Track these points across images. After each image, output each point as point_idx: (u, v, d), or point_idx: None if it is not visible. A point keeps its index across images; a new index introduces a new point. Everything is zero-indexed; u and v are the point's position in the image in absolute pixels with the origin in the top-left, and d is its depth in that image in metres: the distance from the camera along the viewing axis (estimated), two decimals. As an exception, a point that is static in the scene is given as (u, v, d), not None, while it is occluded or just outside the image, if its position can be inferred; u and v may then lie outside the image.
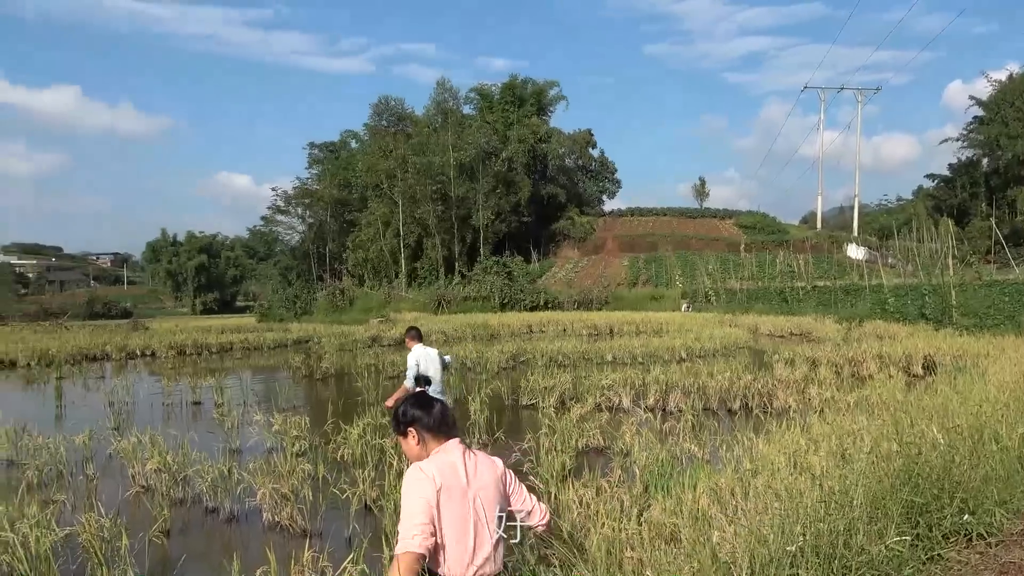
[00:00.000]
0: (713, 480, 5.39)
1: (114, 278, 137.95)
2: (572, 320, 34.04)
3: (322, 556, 4.58)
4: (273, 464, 6.97)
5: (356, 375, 16.29)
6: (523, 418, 11.27)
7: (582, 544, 4.22)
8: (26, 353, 22.81)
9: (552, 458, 6.98)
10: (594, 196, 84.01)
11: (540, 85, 75.18)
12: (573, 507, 5.02)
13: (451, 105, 67.87)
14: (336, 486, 6.61)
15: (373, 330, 30.39)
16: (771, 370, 13.39)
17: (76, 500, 6.59)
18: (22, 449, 8.74)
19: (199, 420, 11.88)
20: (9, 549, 4.91)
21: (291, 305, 50.25)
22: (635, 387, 11.94)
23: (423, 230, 64.41)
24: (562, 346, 19.55)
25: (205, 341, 26.54)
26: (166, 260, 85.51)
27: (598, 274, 60.59)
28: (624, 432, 7.98)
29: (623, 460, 7.11)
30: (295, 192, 75.57)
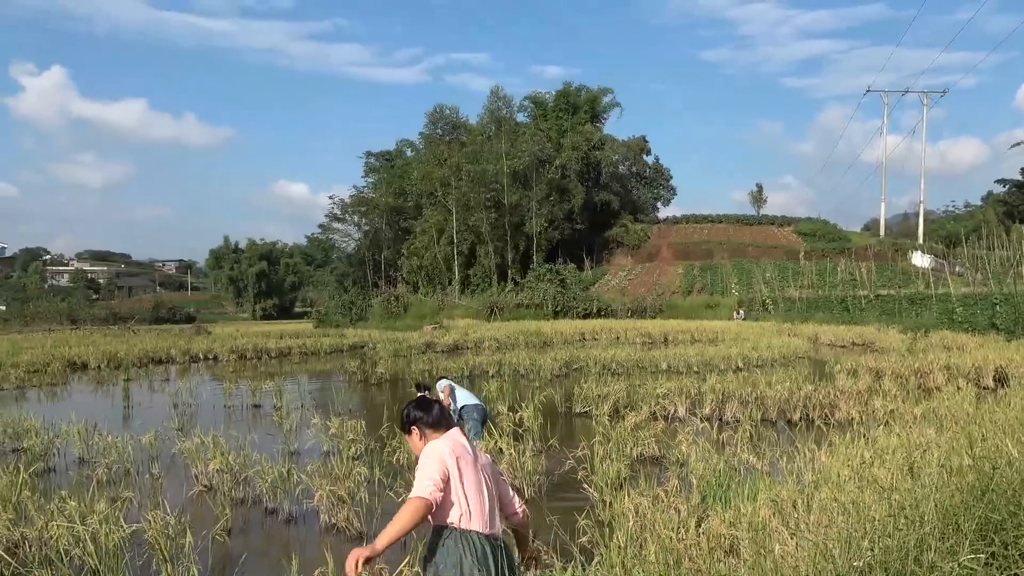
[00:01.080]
0: (774, 492, 5.26)
1: (178, 284, 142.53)
2: (625, 328, 33.75)
3: (379, 559, 4.62)
4: (330, 467, 7.07)
5: (410, 380, 16.44)
6: (577, 426, 11.21)
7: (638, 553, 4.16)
8: (96, 356, 23.71)
9: (607, 466, 6.91)
10: (648, 203, 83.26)
11: (594, 92, 74.95)
12: (629, 516, 4.96)
13: (504, 113, 68.23)
14: (391, 489, 6.68)
15: (427, 336, 30.66)
16: (832, 380, 13.02)
17: (142, 498, 6.79)
18: (92, 447, 9.08)
19: (259, 422, 12.15)
20: (80, 543, 5.09)
21: (347, 311, 51.12)
22: (691, 396, 11.75)
23: (476, 237, 64.79)
24: (616, 354, 19.38)
25: (264, 346, 27.18)
26: (228, 267, 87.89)
27: (652, 282, 59.97)
28: (680, 441, 7.85)
29: (679, 470, 6.99)
30: (351, 200, 76.91)
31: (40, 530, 5.43)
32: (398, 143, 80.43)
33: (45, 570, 4.98)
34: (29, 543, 5.41)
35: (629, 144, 76.41)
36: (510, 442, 7.64)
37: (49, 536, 5.28)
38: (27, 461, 8.02)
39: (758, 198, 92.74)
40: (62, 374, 21.07)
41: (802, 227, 75.21)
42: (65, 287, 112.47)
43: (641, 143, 78.49)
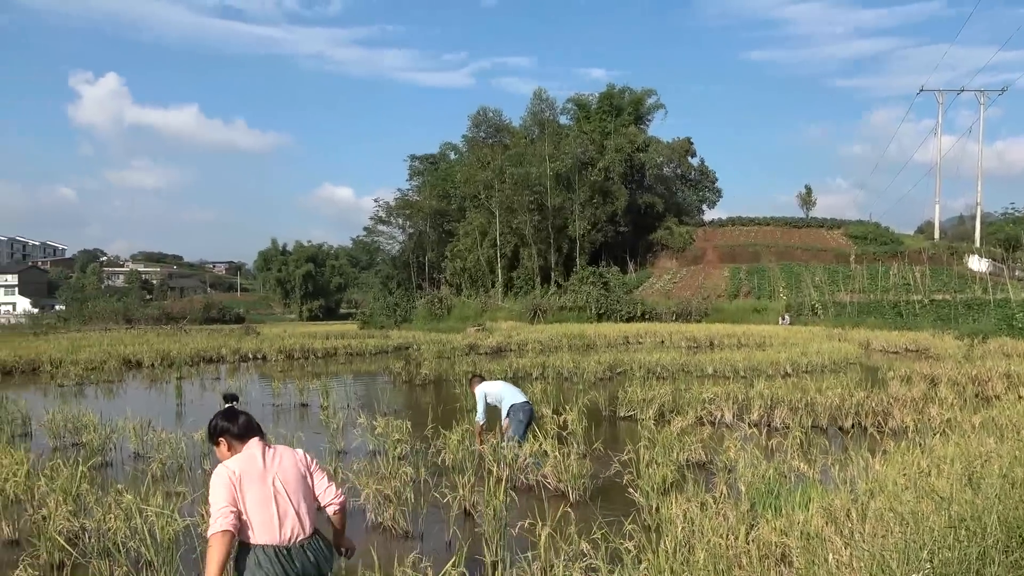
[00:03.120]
0: (826, 500, 5.14)
1: (228, 285, 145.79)
2: (670, 331, 33.40)
3: (424, 558, 4.65)
4: (376, 466, 7.14)
5: (454, 382, 16.53)
6: (621, 430, 11.12)
7: (687, 559, 4.11)
8: (151, 354, 24.39)
9: (653, 471, 6.84)
10: (693, 205, 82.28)
11: (638, 94, 74.42)
12: (677, 522, 4.89)
13: (548, 116, 68.24)
14: (436, 490, 6.72)
15: (470, 338, 30.78)
16: (885, 387, 12.69)
17: (195, 493, 6.95)
18: (147, 443, 9.33)
19: (306, 421, 12.35)
20: (137, 536, 5.23)
21: (391, 313, 51.62)
22: (738, 401, 11.57)
23: (520, 240, 64.86)
24: (660, 358, 19.19)
25: (311, 346, 27.62)
26: (276, 268, 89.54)
27: (697, 285, 59.24)
28: (727, 447, 7.73)
29: (727, 476, 6.88)
30: (396, 203, 77.75)
31: (98, 522, 5.59)
32: (442, 146, 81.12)
33: (103, 561, 5.13)
34: (88, 534, 5.58)
35: (674, 146, 75.62)
36: (555, 444, 7.61)
37: (107, 528, 5.43)
38: (86, 455, 8.29)
39: (807, 200, 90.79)
40: (118, 372, 21.71)
41: (853, 230, 73.48)
42: (121, 288, 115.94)
43: (686, 145, 77.62)
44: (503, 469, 7.13)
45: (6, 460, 7.38)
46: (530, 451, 7.71)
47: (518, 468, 7.55)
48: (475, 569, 4.85)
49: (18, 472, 7.00)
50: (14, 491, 6.69)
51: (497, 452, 7.62)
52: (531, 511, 5.79)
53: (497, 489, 5.69)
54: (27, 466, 7.18)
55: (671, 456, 7.54)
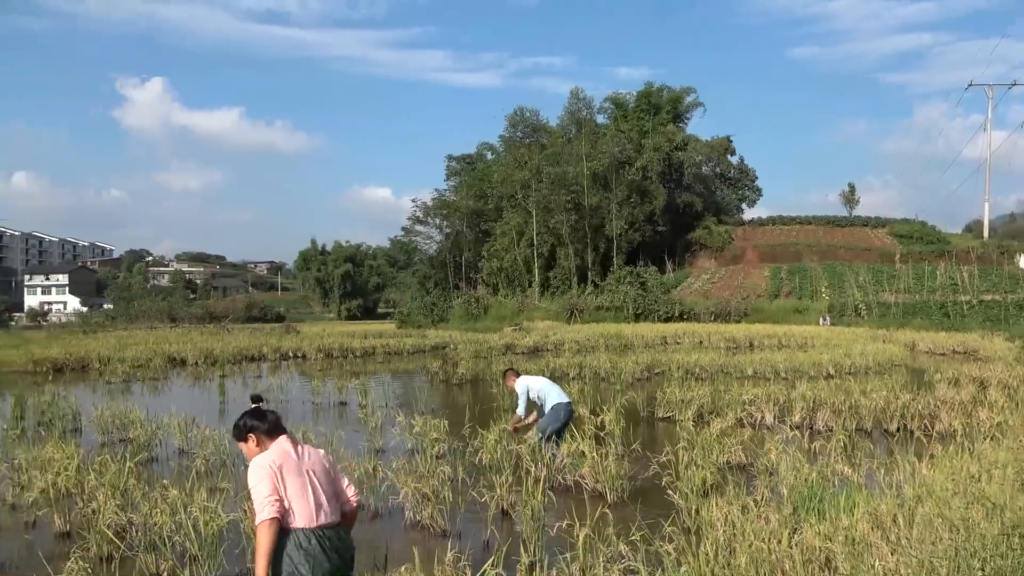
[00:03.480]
0: (871, 505, 5.03)
1: (269, 285, 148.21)
2: (709, 332, 33.01)
3: (463, 557, 4.66)
4: (415, 464, 7.19)
5: (491, 381, 16.56)
6: (659, 431, 11.04)
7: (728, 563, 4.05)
8: (194, 352, 24.91)
9: (692, 473, 6.77)
10: (733, 204, 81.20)
11: (676, 92, 73.69)
12: (718, 525, 4.83)
13: (585, 115, 67.92)
14: (474, 489, 6.73)
15: (507, 338, 30.82)
16: (932, 390, 12.36)
17: (238, 489, 7.07)
18: (191, 439, 9.53)
19: (345, 419, 12.50)
20: (182, 530, 5.34)
21: (429, 312, 51.94)
22: (779, 403, 11.38)
23: (556, 240, 64.72)
24: (699, 358, 18.98)
25: (350, 345, 27.93)
26: (315, 268, 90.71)
27: (736, 285, 58.46)
28: (769, 450, 7.60)
29: (768, 479, 6.78)
30: (433, 203, 78.13)
31: (145, 516, 5.72)
32: (479, 146, 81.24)
33: (150, 555, 5.25)
34: (135, 528, 5.72)
35: (713, 144, 74.70)
36: (592, 445, 7.58)
37: (154, 523, 5.56)
38: (133, 451, 8.49)
39: (850, 199, 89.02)
40: (163, 369, 22.23)
41: (898, 229, 71.81)
42: (166, 287, 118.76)
43: (725, 143, 76.62)
44: (541, 469, 7.12)
45: (58, 455, 7.60)
46: (567, 451, 7.68)
47: (555, 469, 7.53)
48: (513, 569, 4.85)
49: (69, 466, 7.20)
50: (65, 485, 6.87)
51: (535, 452, 7.62)
52: (569, 512, 5.77)
53: (535, 489, 5.69)
54: (77, 461, 7.38)
55: (711, 458, 7.45)
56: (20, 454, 7.87)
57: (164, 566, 5.13)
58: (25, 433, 10.55)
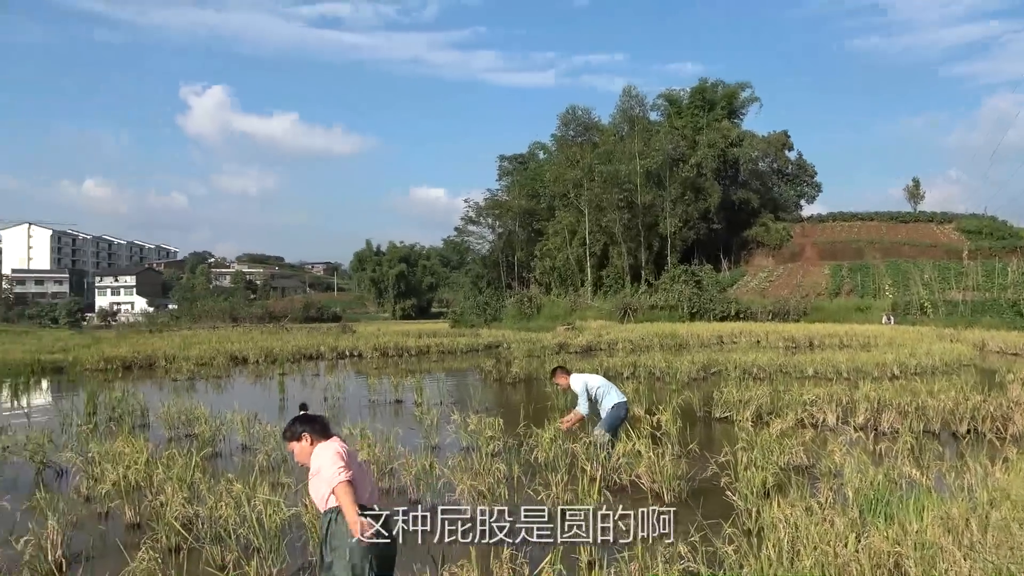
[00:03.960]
0: (942, 509, 4.85)
1: (326, 285, 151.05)
2: (766, 331, 32.34)
3: (519, 554, 4.67)
4: (470, 462, 7.23)
5: (545, 380, 16.54)
6: (717, 431, 10.86)
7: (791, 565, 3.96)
8: (255, 351, 25.57)
9: (751, 474, 6.64)
10: (791, 201, 79.34)
11: (731, 88, 72.42)
12: (780, 527, 4.72)
13: (637, 112, 67.29)
14: (530, 487, 6.73)
15: (560, 337, 30.75)
16: (1005, 391, 11.86)
17: (299, 484, 7.22)
18: (254, 435, 9.78)
19: (400, 417, 12.65)
20: (246, 523, 5.48)
21: (481, 312, 52.20)
22: (841, 404, 11.08)
23: (609, 238, 64.28)
24: (757, 358, 18.60)
25: (405, 344, 28.27)
26: (370, 269, 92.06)
27: (795, 283, 57.16)
28: (832, 451, 7.41)
29: (832, 481, 6.60)
30: (486, 203, 78.48)
31: (211, 509, 5.89)
32: (531, 146, 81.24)
33: (216, 546, 5.40)
34: (202, 521, 5.88)
35: (769, 140, 73.13)
36: (649, 444, 7.50)
37: (219, 515, 5.71)
38: (198, 446, 8.75)
39: (915, 194, 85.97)
40: (225, 367, 22.87)
41: (965, 224, 69.11)
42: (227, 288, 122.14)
43: (782, 138, 74.94)
44: (596, 468, 7.08)
45: (128, 449, 7.89)
46: (623, 451, 7.61)
47: (611, 468, 7.48)
48: (571, 568, 4.83)
49: (138, 460, 7.46)
50: (135, 478, 7.13)
51: (590, 451, 7.57)
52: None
53: (591, 488, 5.66)
54: (146, 455, 7.65)
55: (771, 459, 7.29)
56: (93, 448, 8.19)
57: (229, 558, 5.27)
58: (97, 428, 10.97)
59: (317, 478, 3.84)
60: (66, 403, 13.94)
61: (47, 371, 22.00)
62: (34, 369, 21.23)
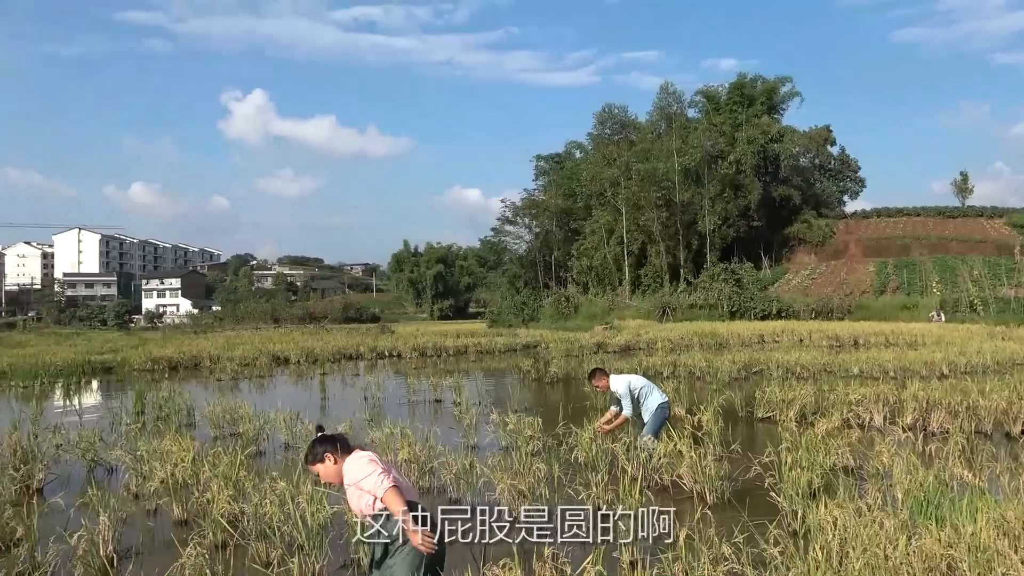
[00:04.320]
0: (997, 512, 4.70)
1: (364, 286, 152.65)
2: (809, 330, 31.75)
3: (561, 553, 4.65)
4: (510, 462, 7.22)
5: (583, 380, 16.47)
6: (759, 431, 10.69)
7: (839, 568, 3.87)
8: (296, 351, 25.94)
9: (796, 475, 6.51)
10: (833, 197, 77.80)
11: (771, 82, 71.40)
12: (827, 528, 4.62)
13: (675, 109, 66.74)
14: (570, 487, 6.70)
15: (598, 336, 30.61)
16: (1062, 390, 11.44)
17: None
18: (296, 434, 9.91)
19: (440, 416, 12.71)
20: (290, 520, 5.55)
21: (519, 311, 52.23)
22: (888, 403, 10.83)
23: (647, 237, 63.82)
24: (800, 357, 18.29)
25: (443, 344, 28.41)
26: (408, 269, 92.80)
27: (839, 281, 56.10)
28: (880, 452, 7.24)
29: (880, 482, 6.45)
30: (522, 203, 78.52)
31: (255, 506, 5.98)
32: (567, 145, 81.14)
33: (261, 543, 5.48)
34: (247, 518, 5.98)
35: (811, 135, 71.84)
36: (690, 444, 7.41)
37: (263, 513, 5.80)
38: (242, 444, 8.91)
39: (963, 188, 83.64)
40: (268, 367, 23.25)
41: (1017, 219, 67.05)
42: (269, 289, 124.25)
43: (824, 133, 73.54)
44: (637, 468, 7.02)
45: (175, 447, 8.06)
46: (664, 451, 7.54)
47: (652, 468, 7.41)
48: (613, 567, 4.79)
49: (185, 458, 7.62)
50: (182, 476, 7.28)
51: (630, 451, 7.51)
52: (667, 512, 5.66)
53: (632, 488, 5.61)
54: (192, 453, 7.80)
55: (816, 460, 7.14)
56: (142, 446, 8.38)
57: (274, 554, 5.34)
58: (145, 427, 11.23)
59: (355, 489, 3.85)
60: (115, 402, 14.30)
61: (97, 371, 22.61)
62: (85, 369, 21.83)
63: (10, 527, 5.98)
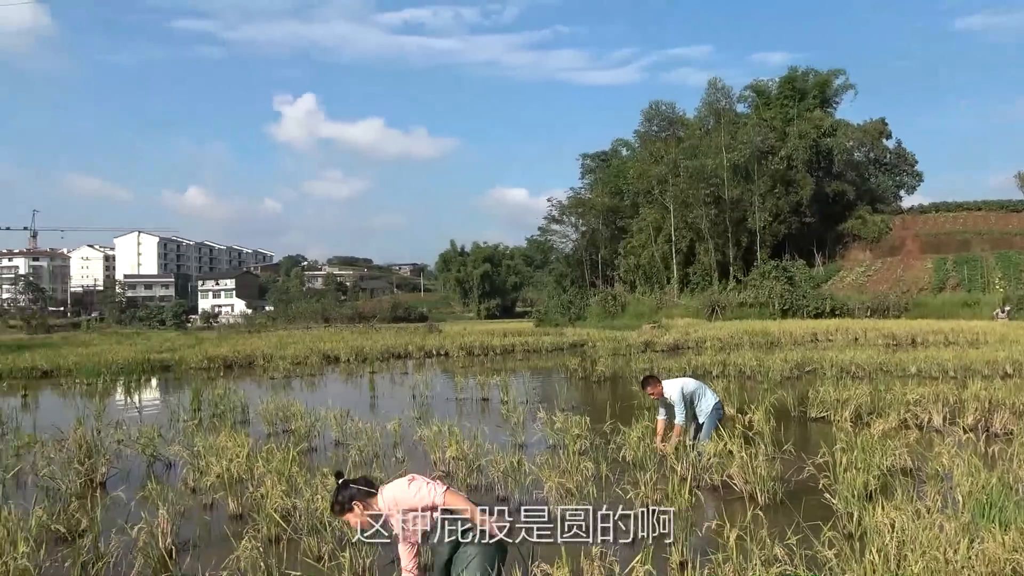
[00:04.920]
0: (1066, 516, 4.51)
1: (412, 286, 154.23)
2: (864, 328, 30.94)
3: (609, 552, 4.62)
4: (557, 460, 7.21)
5: (631, 379, 16.35)
6: (813, 431, 10.46)
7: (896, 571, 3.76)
8: (346, 350, 26.34)
9: (851, 476, 6.35)
10: (889, 191, 75.60)
11: (823, 75, 69.78)
12: (884, 531, 4.50)
13: (724, 105, 65.73)
14: (618, 486, 6.66)
15: (646, 335, 30.34)
16: None
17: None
18: (346, 431, 10.06)
19: (487, 415, 12.76)
20: (341, 518, 5.63)
21: (566, 310, 52.10)
22: (948, 404, 10.49)
23: (695, 235, 63.04)
24: (855, 356, 17.84)
25: (490, 343, 28.52)
26: (455, 269, 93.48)
27: (895, 278, 54.55)
28: (939, 453, 7.01)
29: (940, 484, 6.24)
30: (569, 202, 78.31)
31: (307, 501, 6.09)
32: (613, 143, 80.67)
33: (312, 538, 5.58)
34: (299, 513, 6.09)
35: (866, 128, 69.94)
36: (741, 444, 7.29)
37: (315, 508, 5.90)
38: (294, 441, 9.10)
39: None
40: (319, 366, 23.65)
41: (1086, 212, 64.26)
42: (319, 290, 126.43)
43: (880, 126, 71.50)
44: (686, 468, 6.94)
45: (230, 443, 8.26)
46: (714, 451, 7.43)
47: (702, 468, 7.32)
48: (662, 567, 4.75)
49: (240, 454, 7.81)
50: (237, 471, 7.45)
51: (679, 451, 7.43)
52: (718, 512, 5.59)
53: (682, 488, 5.55)
54: (247, 449, 7.99)
55: (872, 461, 6.95)
56: (198, 442, 8.61)
57: (325, 549, 5.44)
58: (202, 423, 11.54)
59: (405, 512, 3.86)
60: (173, 400, 14.71)
61: (156, 369, 23.31)
62: (145, 368, 22.53)
63: (75, 518, 6.20)
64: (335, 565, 5.11)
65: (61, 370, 22.29)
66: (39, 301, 79.09)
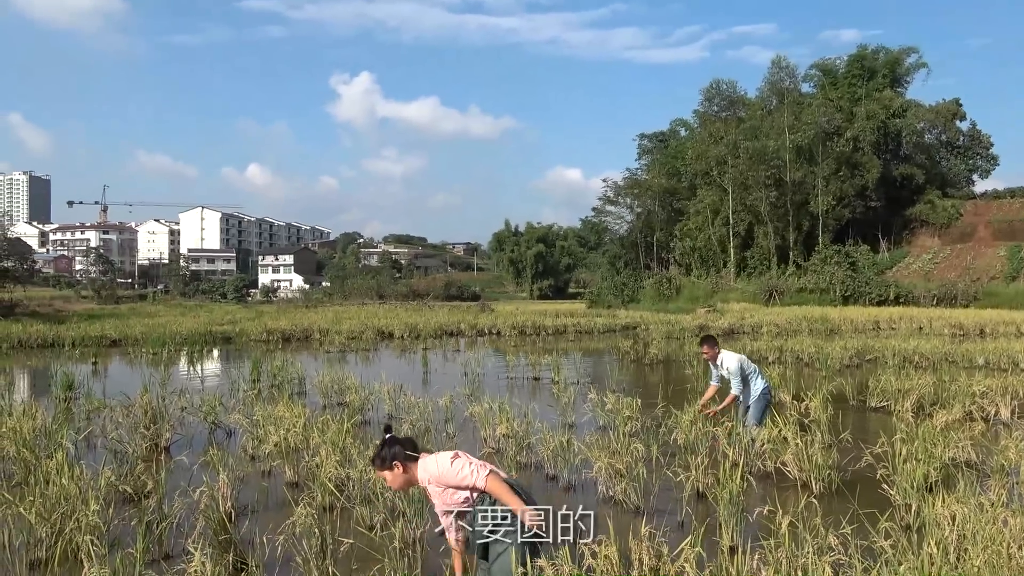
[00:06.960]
0: None
1: (465, 265, 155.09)
2: (930, 317, 29.91)
3: (657, 533, 4.60)
4: (607, 441, 7.19)
5: (684, 362, 16.18)
6: (871, 421, 10.19)
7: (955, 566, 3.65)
8: (400, 327, 26.75)
9: (911, 468, 6.17)
10: (961, 176, 72.32)
11: (895, 54, 66.92)
12: (944, 524, 4.37)
13: (787, 84, 63.65)
14: (669, 469, 6.62)
15: (700, 319, 29.97)
16: None
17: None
18: (399, 405, 10.24)
19: (538, 394, 12.80)
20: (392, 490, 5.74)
21: (619, 292, 51.74)
22: (1018, 396, 10.11)
23: (754, 218, 61.60)
24: (919, 345, 17.30)
25: (542, 323, 28.57)
26: (509, 249, 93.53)
27: (964, 266, 52.45)
28: (1006, 447, 6.76)
29: (1005, 479, 6.02)
30: (624, 183, 77.34)
31: (360, 472, 6.23)
32: (672, 123, 79.03)
33: (365, 507, 5.71)
34: (352, 483, 6.24)
35: (938, 109, 66.96)
36: (796, 431, 7.16)
37: (368, 479, 6.03)
38: (349, 413, 9.30)
39: (1113, 165, 76.10)
40: (373, 341, 24.08)
41: None
42: (375, 267, 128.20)
43: (953, 107, 68.36)
44: (739, 453, 6.85)
45: (287, 414, 8.50)
46: (768, 437, 7.31)
47: (755, 454, 7.21)
48: (712, 551, 4.71)
49: (297, 424, 8.03)
50: (294, 441, 7.67)
51: (732, 436, 7.33)
52: (770, 499, 5.51)
53: (733, 473, 5.48)
54: (303, 419, 8.21)
55: (934, 452, 6.74)
56: (257, 411, 8.88)
57: (377, 519, 5.56)
58: (261, 393, 11.89)
59: (446, 487, 3.86)
60: (234, 370, 15.19)
61: (218, 341, 24.08)
62: (207, 339, 23.29)
63: (141, 480, 6.48)
64: (387, 535, 5.22)
65: (129, 339, 23.22)
66: (109, 273, 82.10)
